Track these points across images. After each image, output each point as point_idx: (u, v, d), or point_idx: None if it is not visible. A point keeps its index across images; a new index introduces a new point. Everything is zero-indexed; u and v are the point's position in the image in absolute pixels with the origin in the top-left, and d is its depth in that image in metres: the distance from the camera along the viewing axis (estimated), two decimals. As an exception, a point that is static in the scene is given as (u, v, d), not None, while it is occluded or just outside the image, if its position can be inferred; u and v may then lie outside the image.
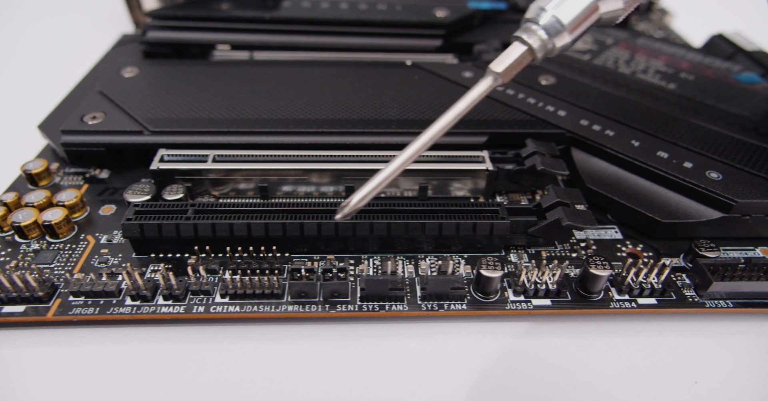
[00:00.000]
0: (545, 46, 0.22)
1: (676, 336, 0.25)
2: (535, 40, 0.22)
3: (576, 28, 0.22)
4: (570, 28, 0.22)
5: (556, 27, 0.22)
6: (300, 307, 0.24)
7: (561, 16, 0.22)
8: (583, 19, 0.22)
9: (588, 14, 0.22)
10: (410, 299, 0.25)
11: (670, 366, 0.24)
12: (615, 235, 0.29)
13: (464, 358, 0.24)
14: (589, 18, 0.22)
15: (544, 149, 0.31)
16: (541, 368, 0.24)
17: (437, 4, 0.45)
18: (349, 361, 0.24)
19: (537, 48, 0.22)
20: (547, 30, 0.22)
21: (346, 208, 0.22)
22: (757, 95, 0.36)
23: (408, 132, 0.31)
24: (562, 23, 0.22)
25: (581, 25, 0.22)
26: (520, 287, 0.25)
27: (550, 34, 0.22)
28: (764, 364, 0.24)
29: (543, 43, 0.22)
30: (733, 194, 0.27)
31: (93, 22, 0.54)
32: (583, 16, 0.22)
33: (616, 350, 0.25)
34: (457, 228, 0.26)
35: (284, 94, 0.34)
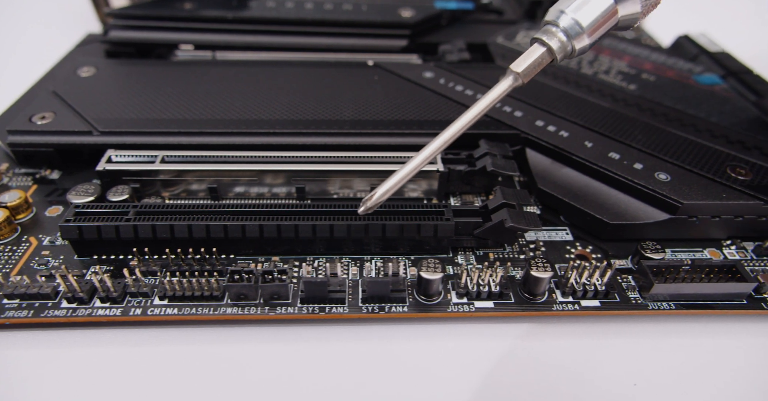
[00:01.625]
0: (565, 47, 0.23)
1: (618, 337, 0.25)
2: (555, 42, 0.23)
3: (595, 31, 0.22)
4: (589, 31, 0.22)
5: (576, 29, 0.22)
6: (239, 309, 0.24)
7: (580, 19, 0.22)
8: (602, 23, 0.22)
9: (607, 18, 0.22)
10: (351, 301, 0.25)
11: (610, 368, 0.24)
12: (566, 236, 0.29)
13: (405, 361, 0.24)
14: (608, 21, 0.22)
15: (496, 150, 0.30)
16: (483, 371, 0.24)
17: (404, 4, 0.45)
18: (288, 364, 0.24)
19: (557, 49, 0.23)
20: (567, 32, 0.22)
21: (369, 201, 0.24)
22: (715, 97, 0.36)
23: (360, 133, 0.31)
24: (581, 26, 0.22)
25: (600, 29, 0.22)
26: (462, 289, 0.25)
27: (569, 36, 0.23)
28: (704, 365, 0.24)
29: (563, 45, 0.23)
30: (679, 196, 0.27)
31: (59, 21, 0.53)
32: (602, 19, 0.22)
33: (558, 352, 0.24)
34: (401, 230, 0.26)
35: (240, 94, 0.34)
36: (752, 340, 0.25)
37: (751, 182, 0.28)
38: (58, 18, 0.54)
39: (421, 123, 0.32)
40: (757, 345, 0.25)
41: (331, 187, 0.31)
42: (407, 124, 0.32)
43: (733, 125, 0.33)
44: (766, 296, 0.25)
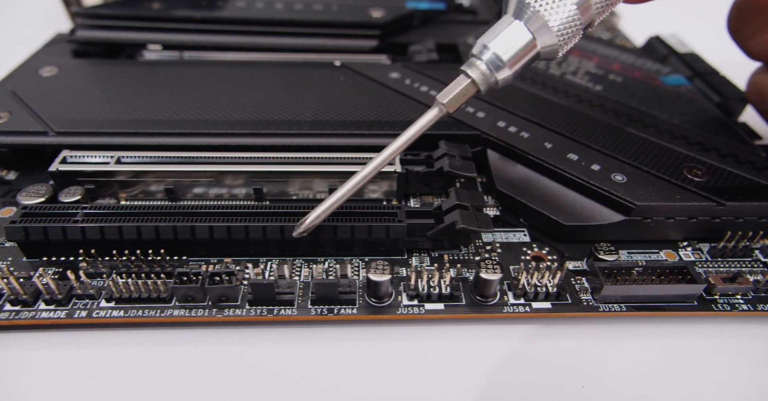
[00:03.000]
0: (487, 79, 0.24)
1: (569, 339, 0.25)
2: (478, 74, 0.24)
3: (515, 63, 0.24)
4: (510, 64, 0.23)
5: (497, 63, 0.23)
6: (186, 311, 0.24)
7: (500, 53, 0.23)
8: (522, 56, 0.23)
9: (526, 51, 0.23)
10: (301, 303, 0.25)
11: (558, 370, 0.24)
12: (523, 238, 0.29)
13: (355, 363, 0.24)
14: (528, 54, 0.23)
15: (456, 150, 0.30)
16: (434, 373, 0.23)
17: (375, 4, 0.45)
18: (236, 366, 0.23)
19: (480, 82, 0.24)
20: (488, 65, 0.23)
21: (302, 225, 0.25)
22: (680, 98, 0.36)
23: (320, 133, 0.31)
24: (501, 60, 0.23)
25: (520, 61, 0.24)
26: (413, 291, 0.25)
27: (491, 69, 0.24)
28: (653, 367, 0.24)
29: (485, 77, 0.24)
30: (633, 197, 0.27)
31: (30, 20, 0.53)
32: (521, 52, 0.23)
33: (507, 354, 0.24)
34: (352, 231, 0.26)
35: (203, 95, 0.34)
36: (701, 342, 0.25)
37: (705, 184, 0.28)
38: (29, 17, 0.54)
39: (381, 124, 0.32)
40: (706, 346, 0.25)
41: (290, 188, 0.30)
42: (368, 124, 0.32)
43: (695, 126, 0.33)
44: (716, 297, 0.25)
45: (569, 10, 0.22)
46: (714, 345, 0.25)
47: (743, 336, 0.25)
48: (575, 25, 0.23)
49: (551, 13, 0.22)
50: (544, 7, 0.22)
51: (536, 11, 0.22)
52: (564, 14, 0.22)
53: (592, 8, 0.23)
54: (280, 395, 0.22)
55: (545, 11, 0.22)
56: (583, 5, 0.22)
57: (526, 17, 0.23)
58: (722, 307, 0.25)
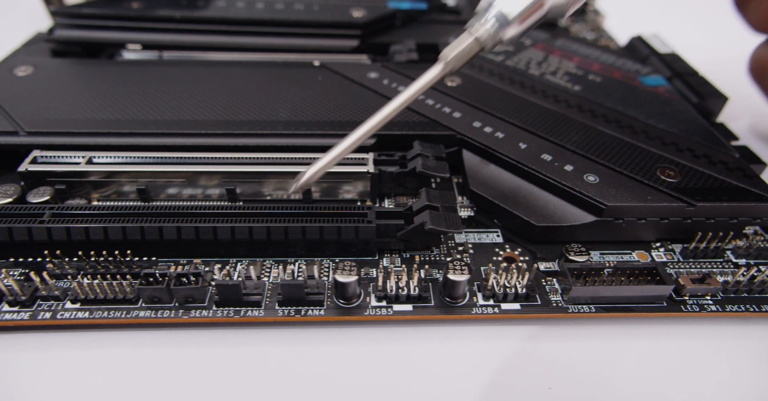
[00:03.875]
0: (493, 37, 0.23)
1: (538, 340, 0.25)
2: (483, 32, 0.23)
3: (523, 21, 0.23)
4: (517, 21, 0.23)
5: (502, 20, 0.23)
6: (153, 313, 0.24)
7: (506, 11, 0.23)
8: (530, 13, 0.23)
9: (534, 8, 0.23)
10: (268, 304, 0.25)
11: (526, 372, 0.24)
12: (496, 239, 0.29)
13: (323, 365, 0.24)
14: (536, 12, 0.23)
15: (430, 151, 0.30)
16: (401, 374, 0.23)
17: (357, 4, 0.45)
18: (203, 368, 0.23)
19: (484, 39, 0.23)
20: (494, 23, 0.23)
21: (297, 183, 0.24)
22: (657, 98, 0.35)
23: (294, 134, 0.31)
24: (506, 17, 0.23)
25: (528, 19, 0.23)
26: (381, 292, 0.25)
27: (496, 27, 0.23)
28: (621, 369, 0.24)
29: (490, 35, 0.23)
30: (603, 198, 0.27)
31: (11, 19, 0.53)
32: (529, 9, 0.23)
33: (476, 355, 0.24)
34: (321, 232, 0.26)
35: (178, 95, 0.34)
36: (670, 343, 0.25)
37: (677, 184, 0.28)
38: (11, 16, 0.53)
39: (356, 124, 0.31)
40: (675, 347, 0.25)
41: (265, 189, 0.30)
42: (342, 124, 0.32)
43: (671, 126, 0.32)
44: (686, 298, 0.25)
45: None
46: (682, 347, 0.25)
47: (712, 336, 0.25)
48: None
49: None
50: None
51: None
52: None
53: None
54: (247, 397, 0.22)
55: None
56: None
57: None
58: (691, 308, 0.25)
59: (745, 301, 0.25)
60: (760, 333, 0.25)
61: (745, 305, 0.25)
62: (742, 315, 0.25)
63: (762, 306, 0.25)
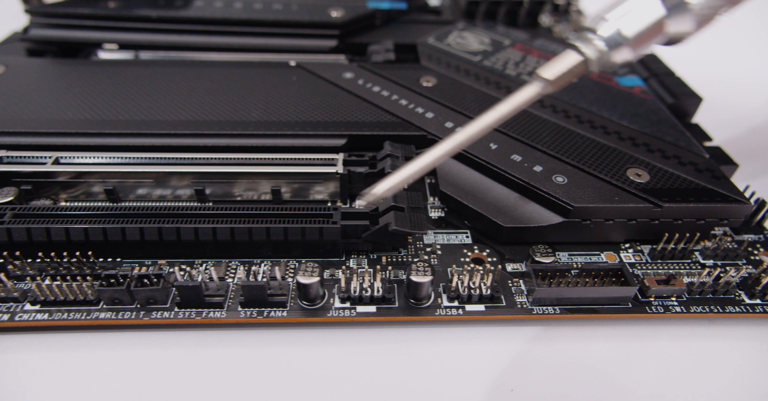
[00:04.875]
0: (602, 58, 0.21)
1: (503, 342, 0.25)
2: (593, 52, 0.21)
3: (638, 43, 0.21)
4: (632, 43, 0.21)
5: (617, 40, 0.21)
6: (113, 314, 0.24)
7: (624, 30, 0.20)
8: (647, 37, 0.21)
9: (653, 32, 0.21)
10: (231, 305, 0.25)
11: (489, 373, 0.23)
12: (465, 240, 0.29)
13: (286, 367, 0.24)
14: (654, 36, 0.21)
15: (400, 151, 0.30)
16: (364, 376, 0.23)
17: (336, 3, 0.44)
18: (164, 370, 0.23)
19: (594, 60, 0.21)
20: (607, 42, 0.21)
21: (369, 196, 0.22)
22: (632, 99, 0.35)
23: (263, 134, 0.31)
24: (624, 37, 0.20)
25: (644, 42, 0.21)
26: (344, 293, 0.25)
27: (609, 47, 0.21)
28: (583, 370, 0.24)
29: (600, 55, 0.21)
30: (570, 199, 0.27)
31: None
32: (647, 32, 0.21)
33: (440, 357, 0.24)
34: (285, 233, 0.26)
35: (150, 95, 0.33)
36: (634, 344, 0.25)
37: (646, 185, 0.28)
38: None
39: (327, 124, 0.32)
40: (639, 348, 0.24)
41: (235, 189, 0.30)
42: (313, 125, 0.31)
43: (643, 127, 0.32)
44: (651, 300, 0.25)
45: None
46: (647, 348, 0.24)
47: (677, 337, 0.25)
48: (716, 6, 0.20)
49: None
50: None
51: None
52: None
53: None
54: (208, 399, 0.22)
55: None
56: None
57: None
58: (656, 309, 0.25)
59: (709, 302, 0.25)
60: (725, 333, 0.25)
61: (709, 306, 0.25)
62: (706, 316, 0.25)
63: (726, 307, 0.25)
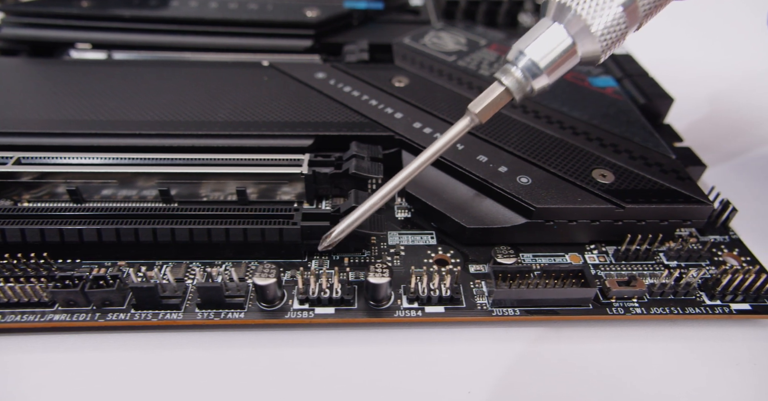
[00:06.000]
0: (523, 88, 0.22)
1: (462, 344, 0.25)
2: (512, 82, 0.22)
3: (554, 70, 0.22)
4: (547, 71, 0.22)
5: (533, 70, 0.22)
6: (68, 316, 0.24)
7: (537, 59, 0.22)
8: (561, 62, 0.22)
9: (566, 57, 0.22)
10: (188, 307, 0.24)
11: (447, 376, 0.23)
12: (430, 241, 0.29)
13: (243, 369, 0.23)
14: (568, 61, 0.22)
15: (366, 152, 0.30)
16: (322, 378, 0.23)
17: (312, 3, 0.44)
18: (122, 372, 0.23)
19: (514, 90, 0.23)
20: (524, 73, 0.22)
21: (327, 239, 0.24)
22: (604, 99, 0.35)
23: (230, 134, 0.31)
24: (538, 67, 0.22)
25: (559, 68, 0.22)
26: (303, 295, 0.25)
27: (527, 77, 0.22)
28: (544, 371, 0.23)
29: (520, 85, 0.22)
30: (533, 200, 0.27)
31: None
32: (560, 58, 0.22)
33: (400, 359, 0.24)
34: (245, 234, 0.25)
35: (118, 95, 0.33)
36: (594, 346, 0.24)
37: (610, 186, 0.28)
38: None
39: (294, 124, 0.31)
40: (599, 350, 0.24)
41: (201, 190, 0.30)
42: (280, 125, 0.31)
43: (613, 127, 0.32)
44: (612, 301, 0.25)
45: (614, 12, 0.20)
46: (607, 349, 0.24)
47: (637, 339, 0.25)
48: (619, 29, 0.21)
49: (594, 15, 0.21)
50: (585, 9, 0.20)
51: (577, 14, 0.21)
52: (608, 17, 0.21)
53: (639, 10, 0.20)
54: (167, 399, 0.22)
55: (587, 14, 0.21)
56: (629, 7, 0.20)
57: (566, 20, 0.21)
58: (616, 311, 0.25)
59: (670, 304, 0.25)
60: (685, 334, 0.25)
61: (670, 307, 0.25)
62: (665, 318, 0.25)
63: (686, 309, 0.25)
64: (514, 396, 0.23)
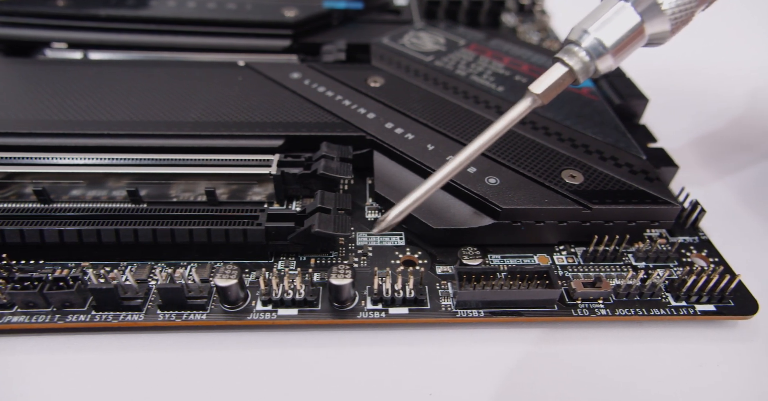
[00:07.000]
0: (587, 68, 0.22)
1: (425, 345, 0.24)
2: (576, 62, 0.22)
3: (620, 50, 0.21)
4: (613, 51, 0.21)
5: (599, 50, 0.21)
6: (27, 318, 0.23)
7: (604, 39, 0.21)
8: (628, 42, 0.21)
9: (633, 37, 0.21)
10: (150, 308, 0.24)
11: (408, 378, 0.23)
12: (399, 242, 0.28)
13: (207, 370, 0.23)
14: (635, 41, 0.22)
15: (336, 152, 0.30)
16: (284, 380, 0.23)
17: (291, 3, 0.44)
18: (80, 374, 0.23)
19: (578, 70, 0.22)
20: (589, 52, 0.22)
21: (383, 222, 0.23)
22: (579, 100, 0.35)
23: (200, 135, 0.30)
24: (604, 46, 0.21)
25: (626, 48, 0.22)
26: (265, 296, 0.24)
27: (591, 57, 0.22)
28: (506, 373, 0.23)
29: (585, 65, 0.22)
30: (499, 201, 0.26)
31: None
32: (627, 38, 0.21)
33: (361, 360, 0.24)
34: (209, 235, 0.25)
35: (90, 94, 0.33)
36: (559, 347, 0.24)
37: (578, 187, 0.27)
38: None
39: (265, 125, 0.31)
40: (564, 351, 0.24)
41: (172, 191, 0.30)
42: (251, 126, 0.31)
43: (585, 128, 0.32)
44: (578, 302, 0.25)
45: None
46: (571, 351, 0.24)
47: (601, 341, 0.25)
48: (690, 7, 0.21)
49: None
50: None
51: None
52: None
53: None
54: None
55: None
56: None
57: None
58: (582, 312, 0.25)
59: (635, 305, 0.25)
60: (650, 335, 0.25)
61: (635, 309, 0.25)
62: (630, 319, 0.25)
63: (651, 310, 0.25)
64: (475, 397, 0.23)
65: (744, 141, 0.39)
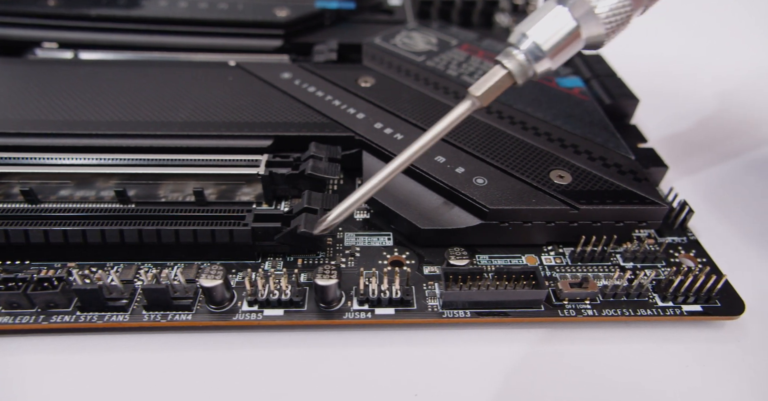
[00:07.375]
0: (525, 71, 0.22)
1: (411, 346, 0.24)
2: (515, 65, 0.22)
3: (557, 53, 0.22)
4: (551, 54, 0.22)
5: (536, 53, 0.22)
6: (11, 319, 0.23)
7: (541, 43, 0.22)
8: (565, 45, 0.22)
9: (570, 40, 0.22)
10: (136, 309, 0.24)
11: (394, 379, 0.23)
12: (387, 242, 0.28)
13: (193, 371, 0.23)
14: (572, 44, 0.22)
15: (325, 153, 0.30)
16: (271, 381, 0.23)
17: (282, 3, 0.44)
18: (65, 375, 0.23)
19: (516, 73, 0.22)
20: (527, 56, 0.22)
21: (323, 223, 0.24)
22: (570, 100, 0.35)
23: (189, 135, 0.30)
24: (541, 50, 0.22)
25: (563, 51, 0.22)
26: (251, 296, 0.24)
27: (530, 60, 0.22)
28: (493, 374, 0.23)
29: (523, 68, 0.22)
30: (487, 201, 0.26)
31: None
32: (564, 42, 0.22)
33: (347, 362, 0.24)
34: (195, 235, 0.25)
35: (79, 95, 0.33)
36: (546, 348, 0.24)
37: (566, 187, 0.27)
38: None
39: (254, 125, 0.31)
40: (549, 352, 0.24)
41: (160, 191, 0.30)
42: (240, 126, 0.31)
43: (575, 128, 0.32)
44: (565, 303, 0.25)
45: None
46: (558, 351, 0.24)
47: (587, 341, 0.25)
48: (624, 11, 0.21)
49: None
50: None
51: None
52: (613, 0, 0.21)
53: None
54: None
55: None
56: None
57: (570, 2, 0.21)
58: (568, 312, 0.25)
59: (622, 305, 0.25)
60: (636, 336, 0.25)
61: (621, 309, 0.25)
62: (617, 320, 0.25)
63: (638, 310, 0.25)
64: (461, 398, 0.22)
65: (735, 142, 0.39)
